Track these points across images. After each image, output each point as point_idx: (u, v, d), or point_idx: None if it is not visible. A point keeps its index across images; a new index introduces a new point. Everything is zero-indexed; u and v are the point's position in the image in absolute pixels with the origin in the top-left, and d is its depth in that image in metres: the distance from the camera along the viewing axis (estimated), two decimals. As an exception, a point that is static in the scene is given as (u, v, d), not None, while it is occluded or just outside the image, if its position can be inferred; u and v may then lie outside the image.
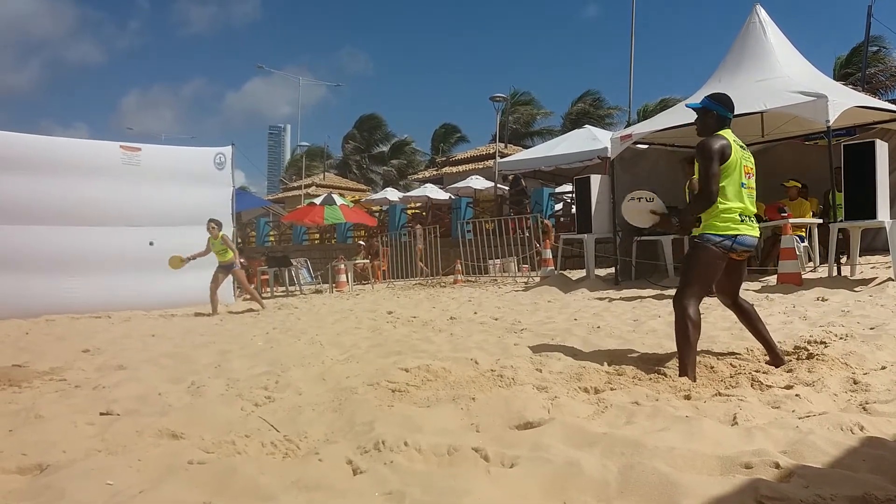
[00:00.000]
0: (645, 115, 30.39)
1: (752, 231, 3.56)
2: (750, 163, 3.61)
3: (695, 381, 3.33)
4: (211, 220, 9.53)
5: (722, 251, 3.49)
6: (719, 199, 3.49)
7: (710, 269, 3.54)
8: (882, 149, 7.40)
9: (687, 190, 3.64)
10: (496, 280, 12.58)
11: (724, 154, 3.47)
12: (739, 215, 3.50)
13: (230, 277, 9.96)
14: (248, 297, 10.25)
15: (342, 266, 14.52)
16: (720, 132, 3.56)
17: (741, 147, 3.59)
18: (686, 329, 3.44)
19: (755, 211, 3.63)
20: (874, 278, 7.30)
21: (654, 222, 3.84)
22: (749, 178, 3.58)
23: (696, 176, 3.60)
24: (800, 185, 9.51)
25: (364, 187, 42.34)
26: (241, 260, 9.97)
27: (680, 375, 3.40)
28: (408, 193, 28.01)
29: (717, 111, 3.62)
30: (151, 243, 9.97)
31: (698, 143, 3.57)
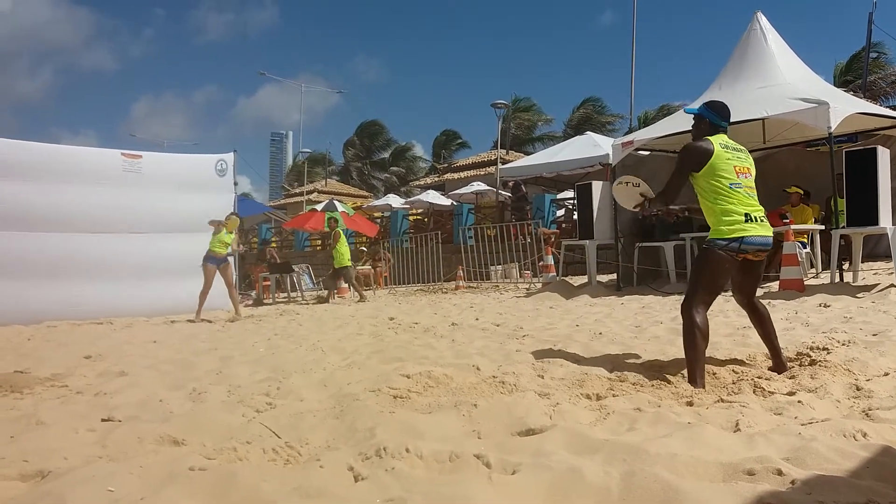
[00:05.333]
0: (646, 121, 30.44)
1: (762, 231, 3.50)
2: (743, 163, 3.58)
3: (704, 388, 3.32)
4: (234, 213, 9.76)
5: (729, 255, 3.46)
6: (719, 202, 3.48)
7: (717, 275, 3.53)
8: (884, 155, 7.41)
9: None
10: (498, 286, 12.58)
11: (702, 161, 3.50)
12: (745, 216, 3.46)
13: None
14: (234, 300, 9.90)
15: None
16: (709, 137, 3.58)
17: (732, 149, 3.58)
18: (694, 339, 3.42)
19: (762, 209, 3.59)
20: (876, 284, 7.29)
21: (638, 203, 3.92)
22: (745, 177, 3.55)
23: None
24: (802, 192, 9.52)
25: (366, 193, 42.41)
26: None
27: (689, 383, 3.39)
28: (409, 199, 28.03)
29: (709, 118, 3.64)
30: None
31: (685, 146, 3.64)
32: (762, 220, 3.53)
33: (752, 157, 3.78)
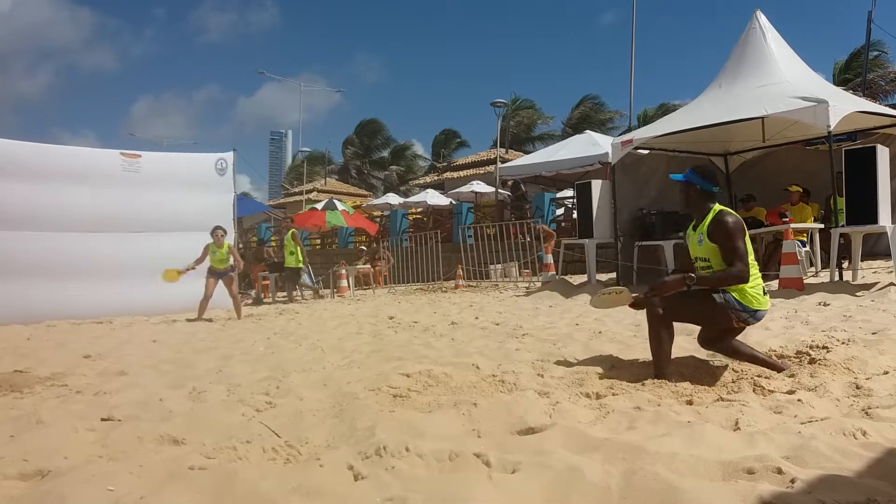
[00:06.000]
0: (645, 119, 30.48)
1: (768, 304, 3.56)
2: None
3: (673, 381, 3.36)
4: (218, 228, 9.32)
5: (734, 317, 3.47)
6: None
7: (705, 321, 3.59)
8: (883, 154, 7.40)
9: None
10: (497, 285, 12.58)
11: (745, 228, 3.46)
12: (763, 289, 3.50)
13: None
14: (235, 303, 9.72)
15: (343, 271, 14.53)
16: (722, 207, 3.53)
17: None
18: (663, 341, 3.48)
19: None
20: (876, 283, 7.29)
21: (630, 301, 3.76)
22: None
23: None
24: (801, 190, 9.51)
25: (365, 192, 42.41)
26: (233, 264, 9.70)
27: (657, 378, 3.42)
28: (409, 199, 28.03)
29: (699, 185, 3.52)
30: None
31: (717, 221, 3.42)
32: (766, 292, 3.56)
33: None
